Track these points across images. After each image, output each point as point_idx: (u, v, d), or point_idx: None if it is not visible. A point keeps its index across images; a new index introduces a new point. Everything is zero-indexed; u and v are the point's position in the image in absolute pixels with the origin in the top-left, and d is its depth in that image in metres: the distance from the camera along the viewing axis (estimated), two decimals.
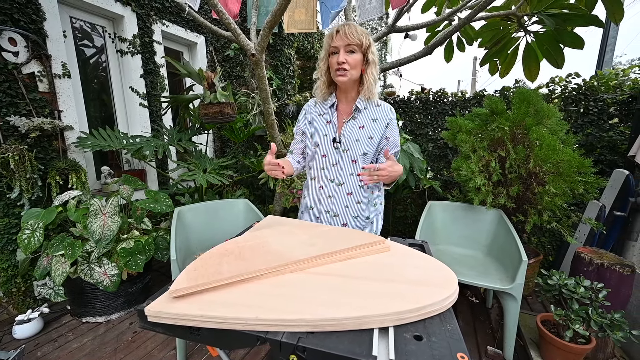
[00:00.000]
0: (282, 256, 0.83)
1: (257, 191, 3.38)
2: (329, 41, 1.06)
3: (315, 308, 0.64)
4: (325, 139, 1.16)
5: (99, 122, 2.58)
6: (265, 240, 0.95)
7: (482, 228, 2.03)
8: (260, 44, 1.82)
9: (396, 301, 0.66)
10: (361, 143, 1.12)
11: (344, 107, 1.17)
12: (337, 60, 1.04)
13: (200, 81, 2.27)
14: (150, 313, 0.65)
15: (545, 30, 1.90)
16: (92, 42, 2.49)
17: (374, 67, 1.08)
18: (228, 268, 0.76)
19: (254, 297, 0.69)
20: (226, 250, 0.87)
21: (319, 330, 0.61)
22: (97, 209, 1.72)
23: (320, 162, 1.18)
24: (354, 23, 1.06)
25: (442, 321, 0.65)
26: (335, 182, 1.17)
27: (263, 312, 0.62)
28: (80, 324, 1.89)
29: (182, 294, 0.68)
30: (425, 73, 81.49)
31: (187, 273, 0.74)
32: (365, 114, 1.14)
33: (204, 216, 2.00)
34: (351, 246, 0.90)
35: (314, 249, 0.88)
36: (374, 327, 0.62)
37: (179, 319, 0.64)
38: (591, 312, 1.37)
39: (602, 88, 2.19)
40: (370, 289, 0.71)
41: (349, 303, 0.66)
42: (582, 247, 1.81)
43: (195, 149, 2.61)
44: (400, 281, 0.75)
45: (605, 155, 2.18)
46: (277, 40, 3.23)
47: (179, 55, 3.25)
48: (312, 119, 1.21)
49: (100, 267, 1.73)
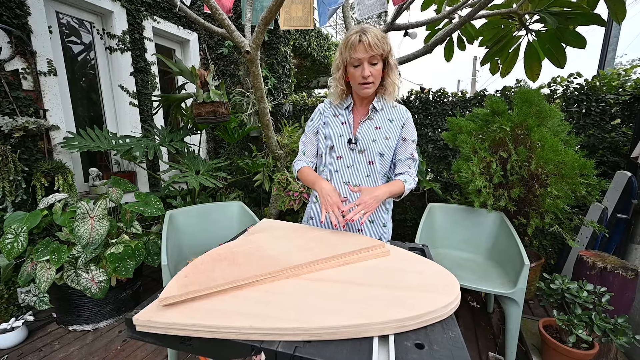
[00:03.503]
0: (277, 261, 0.82)
1: (252, 194, 3.36)
2: (350, 52, 1.01)
3: (312, 316, 0.63)
4: (341, 140, 1.16)
5: (87, 121, 2.56)
6: (259, 245, 0.94)
7: (483, 231, 2.04)
8: (255, 41, 1.82)
9: (397, 308, 0.65)
10: (378, 143, 1.12)
11: (360, 108, 1.17)
12: (363, 74, 1.02)
13: (193, 79, 2.26)
14: (139, 322, 0.64)
15: (547, 29, 1.92)
16: (80, 38, 2.47)
17: (395, 70, 1.07)
18: (221, 274, 0.75)
19: (248, 304, 0.68)
20: (219, 255, 0.86)
21: (316, 339, 0.60)
22: (85, 213, 1.70)
23: (335, 164, 1.18)
24: (373, 29, 1.00)
25: (444, 328, 0.64)
26: (351, 184, 1.17)
27: (258, 320, 0.62)
28: (66, 333, 1.86)
29: (173, 302, 0.67)
30: (424, 72, 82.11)
31: (178, 280, 0.73)
32: (381, 115, 1.15)
33: (196, 220, 1.99)
34: (349, 251, 0.90)
35: (310, 254, 0.87)
36: (373, 335, 0.61)
37: (169, 329, 0.63)
38: (594, 317, 1.38)
39: (604, 88, 2.22)
40: (370, 295, 0.71)
41: (347, 310, 0.65)
42: (585, 251, 1.82)
43: (187, 150, 2.59)
44: (400, 287, 0.74)
45: (607, 157, 2.20)
46: (273, 38, 3.23)
47: (170, 52, 3.23)
48: (326, 119, 1.21)
49: (88, 273, 1.71)
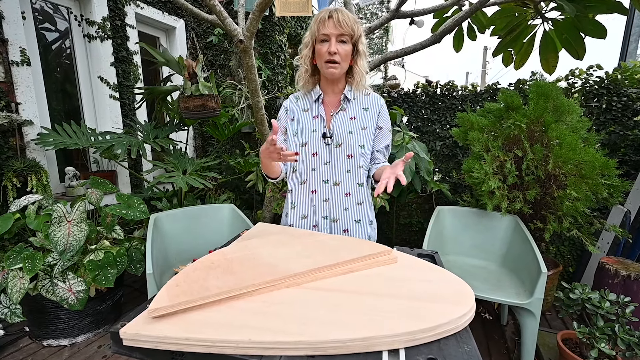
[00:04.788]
0: (276, 269, 0.82)
1: (244, 195, 3.36)
2: (318, 27, 1.06)
3: (316, 328, 0.63)
4: (314, 135, 1.16)
5: (63, 116, 2.54)
6: (256, 251, 0.94)
7: (496, 236, 2.05)
8: (250, 29, 1.82)
9: (407, 320, 0.66)
10: (355, 135, 1.14)
11: (331, 99, 1.18)
12: (329, 49, 1.04)
13: (180, 70, 2.26)
14: (127, 336, 0.63)
15: (565, 18, 1.95)
16: (55, 25, 2.46)
17: (364, 59, 1.11)
18: (215, 283, 0.75)
19: (246, 316, 0.68)
20: (212, 262, 0.86)
21: (320, 354, 0.60)
22: (61, 216, 1.69)
23: (311, 162, 1.17)
24: (345, 10, 1.07)
25: (458, 342, 0.65)
26: (331, 182, 1.17)
27: (257, 333, 0.61)
28: (40, 348, 1.84)
29: (163, 313, 0.67)
30: (430, 64, 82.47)
31: (169, 289, 0.72)
32: (355, 104, 1.17)
33: (183, 224, 1.99)
34: (353, 257, 0.90)
35: (311, 261, 0.87)
36: (382, 349, 0.61)
37: (160, 343, 0.62)
38: (617, 330, 1.39)
39: (626, 82, 2.24)
40: (377, 305, 0.71)
41: (353, 322, 0.65)
42: (607, 257, 1.84)
43: (173, 148, 2.58)
44: (410, 297, 0.75)
45: (629, 156, 2.23)
46: (267, 26, 3.24)
47: (155, 41, 3.22)
48: (295, 115, 1.21)
49: (65, 283, 1.69)
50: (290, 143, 1.21)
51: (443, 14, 2.40)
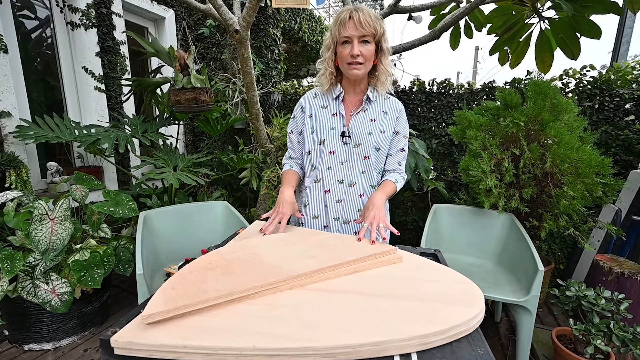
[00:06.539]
0: (278, 270, 0.79)
1: (237, 192, 3.30)
2: (339, 29, 1.03)
3: (324, 333, 0.60)
4: (333, 133, 1.14)
5: (44, 108, 2.43)
6: (255, 251, 0.91)
7: (492, 234, 2.06)
8: (246, 19, 1.77)
9: (418, 322, 0.63)
10: (374, 137, 1.13)
11: (352, 98, 1.17)
12: (351, 52, 1.03)
13: (171, 62, 2.18)
14: (118, 344, 0.59)
15: (561, 17, 1.95)
16: (35, 12, 2.34)
17: (387, 57, 1.09)
18: (214, 285, 0.71)
19: (248, 320, 0.64)
20: (210, 263, 0.82)
21: None
22: (43, 214, 1.61)
23: (327, 161, 1.16)
24: (366, 8, 1.04)
25: (471, 344, 0.63)
26: (346, 183, 1.16)
27: (261, 339, 0.58)
28: (21, 353, 1.76)
29: (159, 319, 0.63)
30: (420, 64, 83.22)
31: (164, 293, 0.68)
32: (375, 106, 1.16)
33: (175, 222, 1.93)
34: (358, 257, 0.87)
35: (314, 261, 0.84)
36: (394, 354, 0.59)
37: (155, 351, 0.58)
38: (612, 326, 1.41)
39: (618, 82, 2.28)
40: (385, 307, 0.69)
41: (362, 325, 0.63)
42: (600, 255, 1.87)
43: (164, 143, 2.50)
44: (418, 298, 0.73)
45: (620, 155, 2.27)
46: (261, 18, 3.17)
47: (143, 31, 3.12)
48: (313, 112, 1.19)
49: (48, 284, 1.62)
50: (307, 141, 1.19)
51: (440, 11, 2.39)
